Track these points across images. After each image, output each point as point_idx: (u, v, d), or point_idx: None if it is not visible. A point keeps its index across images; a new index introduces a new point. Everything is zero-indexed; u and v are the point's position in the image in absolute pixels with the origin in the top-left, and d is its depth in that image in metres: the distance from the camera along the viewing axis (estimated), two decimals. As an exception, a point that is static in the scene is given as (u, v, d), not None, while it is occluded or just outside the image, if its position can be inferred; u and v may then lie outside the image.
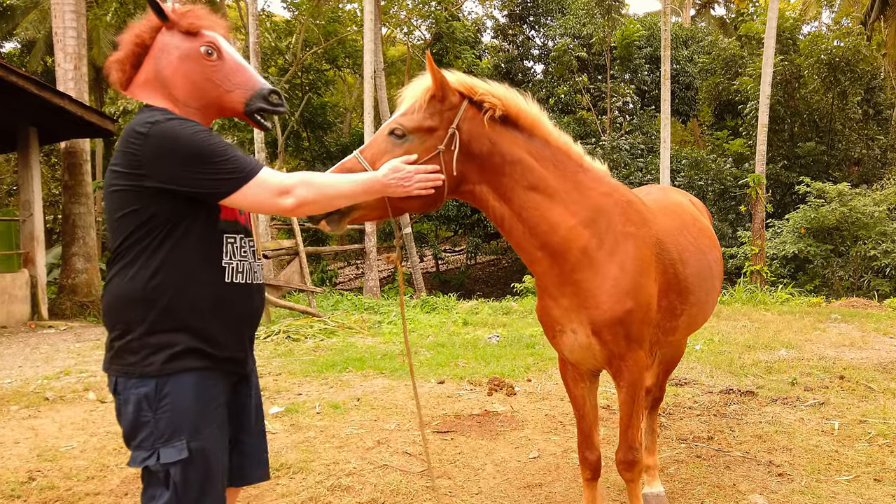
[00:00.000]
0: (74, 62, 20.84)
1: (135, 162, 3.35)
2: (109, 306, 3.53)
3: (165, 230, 3.43)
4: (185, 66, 3.65)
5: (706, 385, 10.14)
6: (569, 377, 5.16)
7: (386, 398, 9.79)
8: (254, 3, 26.05)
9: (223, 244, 3.63)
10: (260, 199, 3.46)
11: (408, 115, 4.23)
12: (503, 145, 4.39)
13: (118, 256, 3.50)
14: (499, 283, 39.60)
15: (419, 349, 13.48)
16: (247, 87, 3.76)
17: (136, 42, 3.68)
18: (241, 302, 3.69)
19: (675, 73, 39.71)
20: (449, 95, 4.28)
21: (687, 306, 5.19)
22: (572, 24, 40.44)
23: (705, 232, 5.79)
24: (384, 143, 4.19)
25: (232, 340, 3.66)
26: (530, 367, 11.55)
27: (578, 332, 4.65)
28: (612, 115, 37.55)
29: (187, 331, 3.47)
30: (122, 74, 3.71)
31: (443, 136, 4.22)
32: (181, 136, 3.35)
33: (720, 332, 14.46)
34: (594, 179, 4.68)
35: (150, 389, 3.41)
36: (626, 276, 4.54)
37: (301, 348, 14.22)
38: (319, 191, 3.59)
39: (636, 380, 4.73)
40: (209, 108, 3.74)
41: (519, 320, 17.16)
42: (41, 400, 9.93)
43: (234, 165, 3.41)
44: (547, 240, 4.50)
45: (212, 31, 3.76)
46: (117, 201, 3.45)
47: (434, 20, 40.52)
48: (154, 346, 3.43)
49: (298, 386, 10.66)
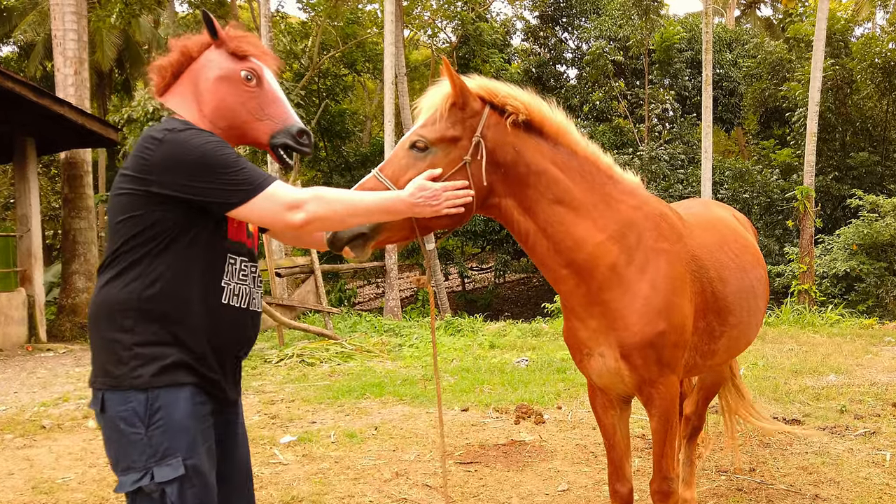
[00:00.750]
0: (75, 67, 20.94)
1: (144, 167, 3.42)
2: (99, 314, 3.54)
3: (167, 239, 3.48)
4: (221, 85, 3.76)
5: (750, 413, 10.07)
6: (598, 404, 5.13)
7: (406, 427, 9.78)
8: (266, 4, 26.07)
9: (225, 263, 3.68)
10: (269, 213, 3.49)
11: (428, 125, 4.23)
12: (527, 154, 4.38)
13: (113, 262, 3.53)
14: (529, 303, 39.50)
15: (442, 374, 13.47)
16: (277, 120, 3.84)
17: (182, 51, 3.82)
18: (233, 326, 3.72)
19: (718, 79, 39.55)
20: (470, 102, 4.27)
21: (727, 328, 5.17)
22: (608, 26, 40.21)
23: (748, 248, 5.76)
24: (405, 157, 4.18)
25: (218, 364, 3.66)
26: (561, 393, 11.51)
27: (607, 355, 4.63)
28: (651, 124, 37.47)
29: (178, 346, 3.49)
30: (160, 80, 3.84)
31: (467, 147, 4.20)
32: (193, 145, 3.42)
33: (765, 356, 14.37)
34: (624, 192, 4.67)
35: (141, 403, 3.42)
36: (657, 296, 4.52)
37: (316, 373, 14.24)
38: (331, 207, 3.59)
39: (669, 407, 4.71)
40: (234, 131, 3.81)
41: (549, 343, 17.12)
42: (37, 428, 9.97)
43: (244, 177, 3.46)
44: (572, 256, 4.48)
45: (258, 60, 3.88)
46: (121, 205, 3.50)
47: (460, 21, 40.21)
48: (144, 357, 3.44)
49: (312, 413, 10.68)
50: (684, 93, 39.59)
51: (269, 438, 9.32)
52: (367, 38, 40.53)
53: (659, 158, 34.19)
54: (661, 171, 33.98)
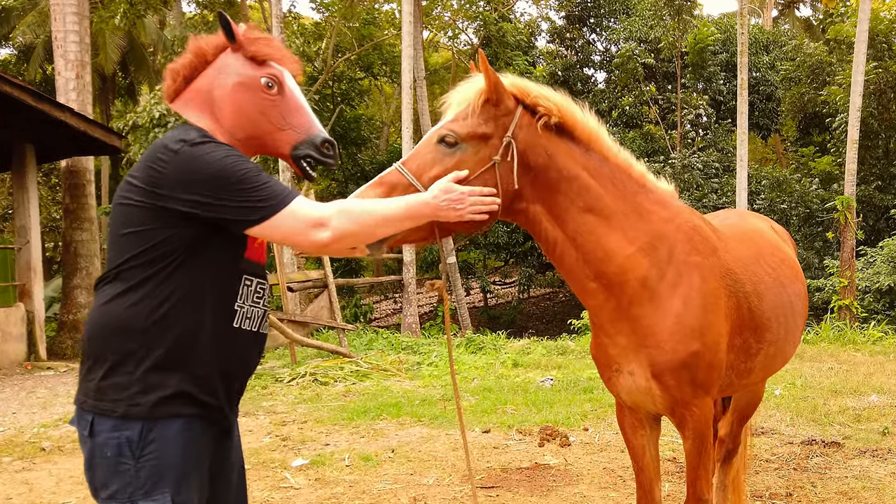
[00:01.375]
0: (76, 70, 20.92)
1: (156, 180, 3.36)
2: (100, 333, 3.46)
3: (179, 258, 3.42)
4: (239, 93, 3.70)
5: (786, 435, 10.07)
6: (627, 424, 5.12)
7: (424, 449, 9.80)
8: (278, 4, 25.99)
9: (241, 285, 3.63)
10: (292, 232, 3.45)
11: (459, 120, 4.22)
12: (559, 158, 4.37)
13: (117, 277, 3.47)
14: (554, 320, 39.43)
15: (462, 394, 13.48)
16: (300, 130, 3.77)
17: (196, 54, 3.75)
18: (243, 350, 3.68)
19: (755, 82, 39.39)
20: (504, 99, 4.26)
21: (763, 345, 5.16)
22: (638, 27, 40.16)
23: (787, 262, 5.74)
24: (432, 152, 4.16)
25: (224, 391, 3.63)
26: (587, 414, 11.51)
27: (637, 373, 4.62)
28: (684, 130, 37.42)
29: (183, 371, 3.43)
30: (173, 84, 3.77)
31: (497, 146, 4.20)
32: (211, 160, 3.37)
33: (803, 375, 14.33)
34: (656, 202, 4.66)
35: (135, 433, 3.36)
36: (690, 313, 4.51)
37: (330, 393, 14.27)
38: (359, 220, 3.56)
39: (703, 430, 4.70)
40: (253, 141, 3.76)
41: (576, 361, 17.09)
42: (37, 451, 10.01)
43: (265, 193, 3.40)
44: (602, 269, 4.47)
45: (279, 65, 3.81)
46: (128, 216, 3.44)
47: (482, 22, 40.05)
48: (145, 384, 3.37)
49: (326, 435, 10.71)
50: (719, 97, 39.43)
51: (280, 461, 9.34)
52: (384, 39, 40.45)
53: (692, 167, 34.12)
54: (695, 181, 33.89)
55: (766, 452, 9.27)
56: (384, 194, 3.96)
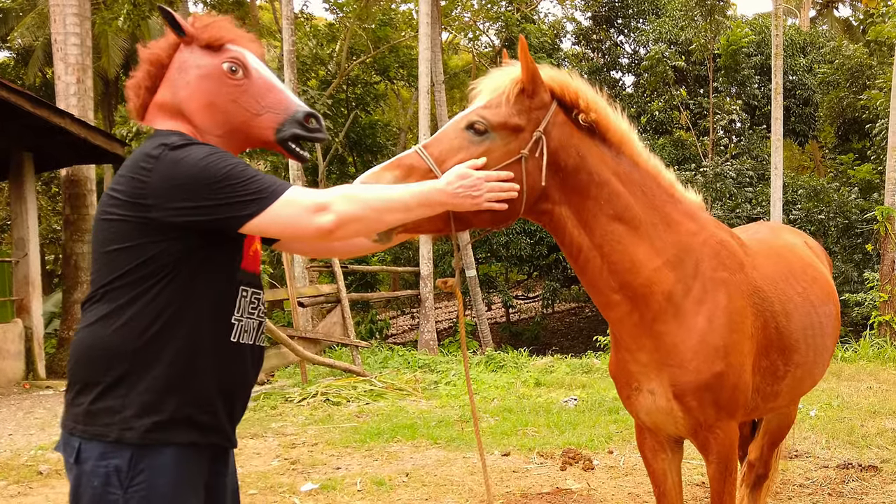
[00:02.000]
0: (77, 74, 20.93)
1: (140, 191, 3.32)
2: (87, 356, 3.42)
3: (172, 273, 3.37)
4: (204, 85, 3.60)
5: (821, 458, 10.05)
6: (647, 447, 5.12)
7: (440, 473, 9.81)
8: (289, 5, 25.95)
9: (238, 297, 3.59)
10: (292, 220, 3.36)
11: (493, 108, 4.16)
12: (591, 161, 4.36)
13: (104, 297, 3.42)
14: (580, 336, 39.31)
15: (481, 415, 13.47)
16: (278, 110, 3.67)
17: (151, 61, 3.67)
18: (242, 365, 3.64)
19: (791, 86, 39.23)
20: (540, 91, 4.23)
21: (791, 367, 5.15)
22: (668, 28, 39.97)
23: (819, 281, 5.72)
24: (458, 138, 4.08)
25: (224, 408, 3.58)
26: (612, 436, 11.50)
27: (657, 393, 4.63)
28: (716, 136, 37.32)
29: (181, 392, 3.39)
30: (136, 100, 3.70)
31: (527, 140, 4.15)
32: (193, 160, 3.31)
33: (839, 395, 14.26)
34: (684, 213, 4.67)
35: (124, 461, 3.31)
36: (715, 332, 4.51)
37: (342, 413, 14.28)
38: (365, 205, 3.46)
39: (727, 454, 4.71)
40: (234, 135, 3.67)
41: (601, 380, 17.04)
42: (33, 474, 10.04)
43: (255, 186, 3.33)
44: (627, 280, 4.46)
45: (238, 46, 3.71)
46: (113, 232, 3.40)
47: (504, 23, 40.06)
48: (139, 407, 3.33)
49: (337, 458, 10.73)
50: (753, 102, 39.21)
51: (289, 486, 9.36)
52: (400, 41, 40.26)
53: (725, 175, 33.96)
54: (727, 190, 33.71)
55: (799, 477, 9.26)
56: (400, 178, 3.89)
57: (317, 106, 32.29)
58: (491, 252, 36.36)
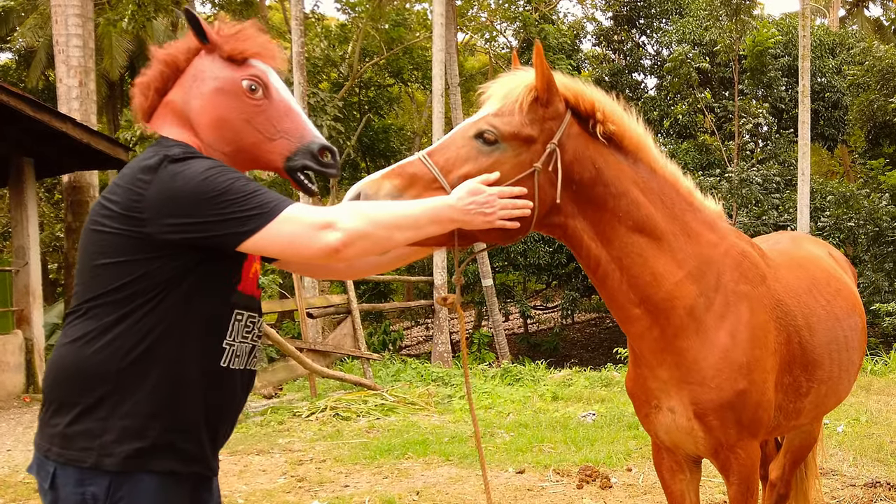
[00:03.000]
0: (80, 77, 20.85)
1: (136, 203, 3.24)
2: (65, 376, 3.33)
3: (163, 293, 3.28)
4: (219, 100, 3.53)
5: (848, 476, 10.00)
6: (664, 467, 5.10)
7: (451, 491, 9.80)
8: (298, 5, 25.82)
9: (231, 320, 3.51)
10: (295, 238, 3.26)
11: (504, 116, 4.07)
12: (608, 172, 4.29)
13: (90, 312, 3.33)
14: (600, 348, 39.28)
15: (496, 430, 13.46)
16: (293, 137, 3.60)
17: (166, 62, 3.60)
18: (229, 391, 3.56)
19: (819, 89, 39.16)
20: (555, 100, 4.16)
21: (814, 384, 5.11)
22: (692, 29, 39.82)
23: (843, 293, 5.69)
24: (465, 147, 3.99)
25: (208, 436, 3.48)
26: (631, 452, 11.47)
27: (678, 411, 4.60)
28: (741, 141, 37.16)
29: (164, 417, 3.30)
30: (143, 100, 3.63)
31: (540, 152, 4.06)
32: (192, 174, 3.23)
33: (868, 411, 14.22)
34: (703, 223, 4.63)
35: (101, 489, 3.22)
36: (737, 348, 4.47)
37: (351, 429, 14.28)
38: (374, 221, 3.37)
39: (748, 475, 4.67)
40: (241, 155, 3.60)
41: (621, 394, 17.02)
42: (31, 492, 10.01)
43: (256, 202, 3.23)
44: (648, 293, 4.42)
45: (262, 62, 3.65)
46: (103, 245, 3.32)
47: (522, 23, 39.85)
48: (120, 432, 3.24)
49: (346, 476, 10.72)
50: (780, 105, 39.05)
51: (296, 504, 9.37)
52: (415, 42, 40.40)
53: (751, 181, 33.83)
54: (753, 196, 33.55)
55: (826, 495, 9.20)
56: (401, 187, 3.82)
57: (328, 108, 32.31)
58: (508, 261, 36.37)
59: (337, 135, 34.00)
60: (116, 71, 37.08)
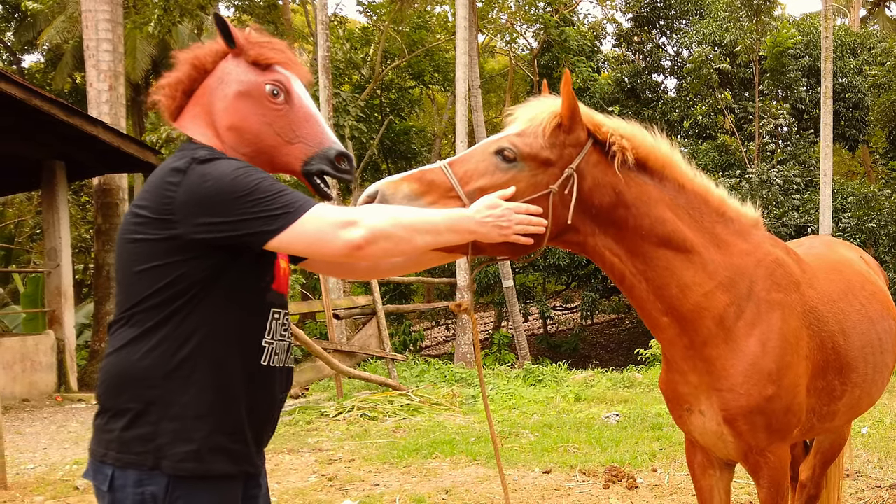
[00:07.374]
0: (110, 81, 21.01)
1: (167, 206, 3.31)
2: (116, 382, 3.41)
3: (201, 293, 3.38)
4: (242, 103, 3.60)
5: (873, 478, 10.05)
6: (696, 463, 5.14)
7: (480, 490, 9.86)
8: (323, 10, 25.80)
9: (269, 319, 3.60)
10: (319, 236, 3.33)
11: (525, 137, 4.16)
12: (630, 195, 4.34)
13: (133, 319, 3.40)
14: (620, 349, 39.20)
15: (521, 430, 13.52)
16: (311, 143, 3.67)
17: (193, 64, 3.66)
18: (271, 390, 3.65)
19: (841, 89, 38.88)
20: (577, 128, 4.23)
21: (848, 387, 5.16)
22: (712, 29, 39.61)
23: (877, 296, 5.74)
24: (485, 161, 4.07)
25: (253, 434, 3.58)
26: (656, 453, 11.53)
27: (708, 415, 4.66)
28: (762, 142, 37.01)
29: (211, 419, 3.39)
30: (171, 101, 3.68)
31: (557, 175, 4.15)
32: (220, 174, 3.31)
33: (892, 412, 14.24)
34: (735, 232, 4.68)
35: (160, 489, 3.32)
36: (767, 356, 4.52)
37: (379, 428, 14.35)
38: (396, 222, 3.44)
39: (778, 478, 4.73)
40: (260, 156, 3.65)
41: (644, 395, 17.06)
42: (70, 489, 10.12)
43: (283, 201, 3.31)
44: (675, 304, 4.48)
45: (286, 70, 3.71)
46: (139, 252, 3.39)
47: (542, 25, 39.81)
48: (173, 434, 3.33)
49: (375, 475, 10.80)
50: (800, 106, 38.83)
51: (328, 503, 9.44)
52: (436, 45, 40.35)
53: (771, 182, 33.66)
54: (774, 197, 33.37)
55: (850, 497, 9.24)
56: (419, 191, 3.91)
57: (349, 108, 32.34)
58: (528, 262, 36.31)
59: (359, 135, 34.03)
60: (138, 73, 36.96)
